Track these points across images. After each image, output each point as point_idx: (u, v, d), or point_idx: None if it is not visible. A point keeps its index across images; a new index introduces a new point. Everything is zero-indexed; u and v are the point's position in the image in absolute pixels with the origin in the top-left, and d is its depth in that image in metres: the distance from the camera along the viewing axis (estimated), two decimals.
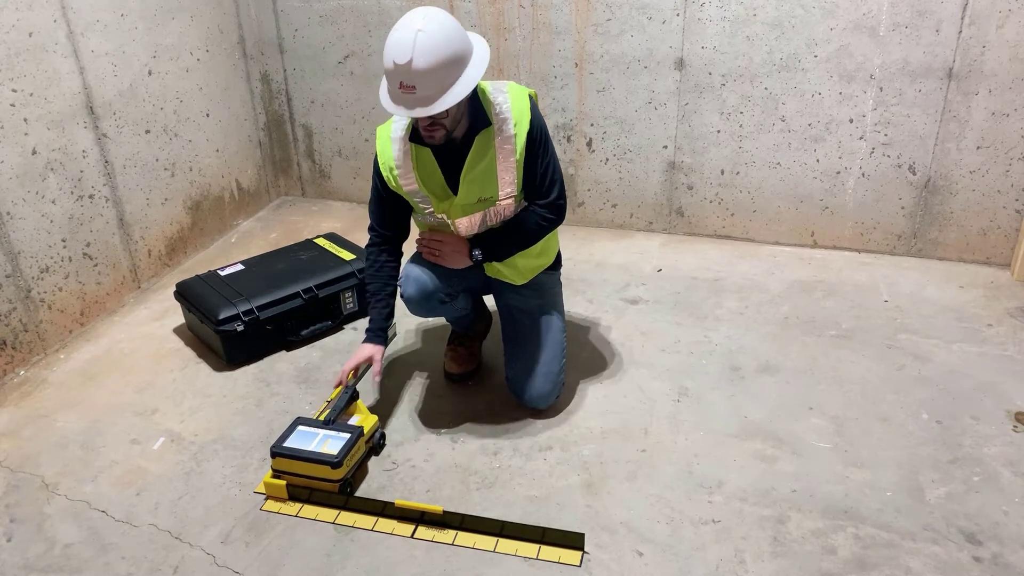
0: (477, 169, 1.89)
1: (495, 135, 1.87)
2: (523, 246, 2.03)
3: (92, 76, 2.57)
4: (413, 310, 2.11)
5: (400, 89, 1.70)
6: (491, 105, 1.88)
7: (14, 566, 1.70)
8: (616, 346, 2.43)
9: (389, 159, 1.95)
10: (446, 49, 1.68)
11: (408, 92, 1.69)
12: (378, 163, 1.98)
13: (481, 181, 1.91)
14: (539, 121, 1.93)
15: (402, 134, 1.93)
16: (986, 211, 2.77)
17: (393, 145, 1.94)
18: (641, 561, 1.66)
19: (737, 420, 2.08)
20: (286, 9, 3.31)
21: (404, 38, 1.66)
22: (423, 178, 1.94)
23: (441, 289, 2.06)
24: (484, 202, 1.94)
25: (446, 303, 2.10)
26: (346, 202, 3.64)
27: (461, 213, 1.96)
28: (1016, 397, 2.13)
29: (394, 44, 1.68)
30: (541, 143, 1.92)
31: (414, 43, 1.65)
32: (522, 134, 1.88)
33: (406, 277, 2.07)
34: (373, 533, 1.76)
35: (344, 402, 1.98)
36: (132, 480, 1.94)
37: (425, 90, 1.69)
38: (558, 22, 2.96)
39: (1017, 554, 1.64)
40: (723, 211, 3.09)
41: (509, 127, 1.87)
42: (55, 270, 2.50)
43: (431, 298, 2.06)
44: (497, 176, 1.91)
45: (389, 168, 1.96)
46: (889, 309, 2.59)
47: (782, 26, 2.72)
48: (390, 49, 1.68)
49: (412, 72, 1.66)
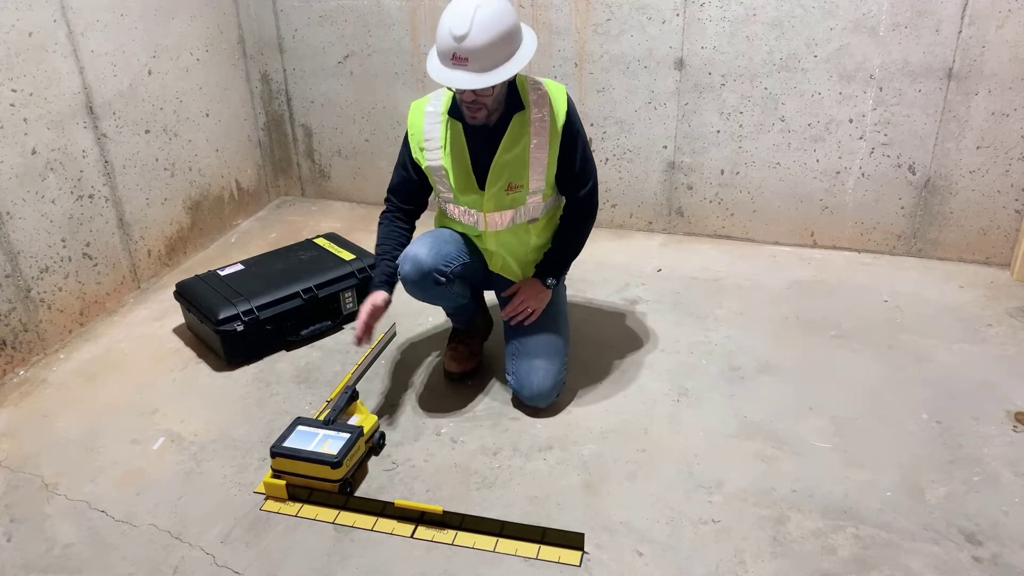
0: (511, 153, 1.95)
1: (530, 120, 1.93)
2: (578, 249, 2.16)
3: (92, 76, 2.57)
4: (410, 290, 2.09)
5: (452, 60, 1.76)
6: (527, 92, 1.95)
7: (14, 566, 1.70)
8: (616, 346, 2.43)
9: (420, 131, 2.01)
10: (501, 26, 1.76)
11: (459, 64, 1.76)
12: (408, 135, 2.04)
13: (513, 167, 1.95)
14: (575, 111, 2.00)
15: (437, 108, 1.99)
16: (986, 211, 2.77)
17: (426, 118, 2.00)
18: (641, 561, 1.66)
19: (737, 420, 2.08)
20: (286, 9, 3.31)
21: (464, 11, 1.73)
22: (450, 157, 1.99)
23: (437, 268, 2.03)
24: (515, 194, 1.98)
25: (442, 284, 2.06)
26: (346, 202, 3.64)
27: (493, 207, 2.00)
28: (1016, 397, 2.13)
29: (453, 16, 1.75)
30: (577, 131, 2.00)
31: (473, 16, 1.72)
32: (560, 119, 1.95)
33: (404, 257, 2.06)
34: (373, 533, 1.76)
35: (344, 402, 1.98)
36: (132, 480, 1.94)
37: (476, 64, 1.75)
38: (558, 22, 2.96)
39: (1017, 554, 1.64)
40: (723, 211, 3.09)
41: (546, 112, 1.94)
42: (55, 270, 2.50)
43: (427, 277, 2.03)
44: (529, 163, 1.95)
45: (417, 141, 2.01)
46: (889, 309, 2.59)
47: (782, 26, 2.72)
48: (448, 20, 1.75)
49: (467, 44, 1.73)
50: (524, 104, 1.94)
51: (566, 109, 1.96)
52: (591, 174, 2.08)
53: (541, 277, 2.13)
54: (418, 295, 2.12)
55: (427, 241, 2.06)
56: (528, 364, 2.09)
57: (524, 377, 2.09)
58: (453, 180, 2.00)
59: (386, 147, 3.45)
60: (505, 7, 1.78)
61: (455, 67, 1.77)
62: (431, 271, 2.03)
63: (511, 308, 2.13)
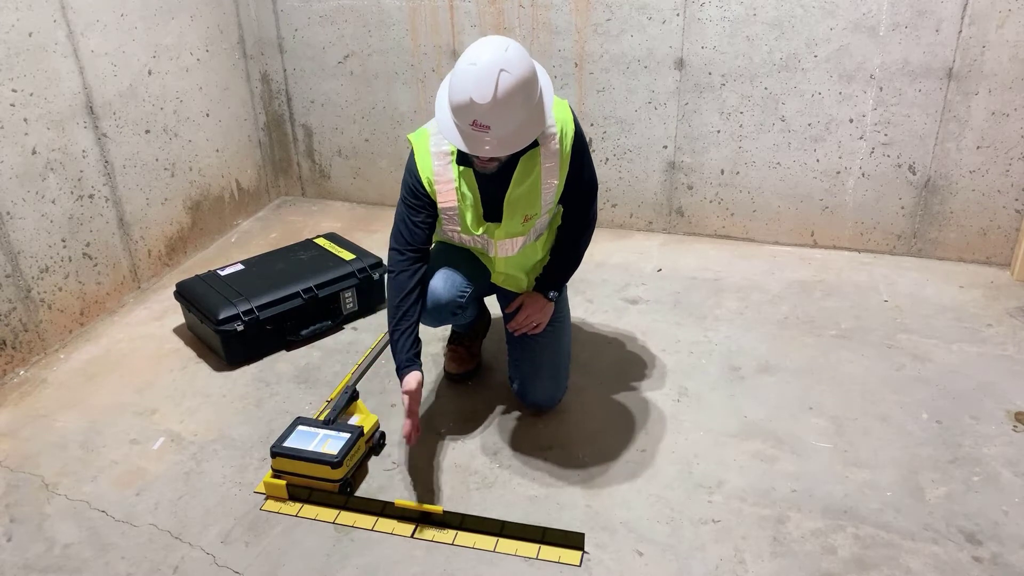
0: (522, 188, 1.83)
1: (541, 154, 1.80)
2: (578, 261, 2.08)
3: (92, 76, 2.57)
4: (427, 323, 2.03)
5: (472, 127, 1.61)
6: None
7: (14, 566, 1.70)
8: (616, 346, 2.43)
9: (429, 172, 1.84)
10: (525, 90, 1.61)
11: (481, 131, 1.61)
12: (416, 176, 1.86)
13: (526, 200, 1.85)
14: (580, 129, 1.88)
15: (445, 149, 1.83)
16: (986, 211, 2.77)
17: (434, 159, 1.84)
18: (641, 561, 1.66)
19: (737, 420, 2.08)
20: (286, 9, 3.31)
21: (487, 75, 1.55)
22: (462, 198, 1.86)
23: (454, 302, 1.98)
24: (528, 223, 1.90)
25: (458, 315, 2.05)
26: (346, 202, 3.64)
27: (505, 235, 1.91)
28: (1016, 397, 2.13)
29: (475, 81, 1.56)
30: (584, 148, 1.90)
31: (497, 82, 1.55)
32: (567, 144, 1.83)
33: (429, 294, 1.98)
34: (373, 533, 1.76)
35: (344, 402, 1.98)
36: (132, 480, 1.94)
37: (500, 130, 1.61)
38: (558, 22, 2.96)
39: (1017, 554, 1.64)
40: (723, 211, 3.09)
41: (555, 142, 1.80)
42: (55, 270, 2.50)
43: (444, 310, 1.98)
44: (541, 192, 1.85)
45: (428, 181, 1.85)
46: (889, 309, 2.59)
47: (782, 26, 2.72)
48: (469, 86, 1.57)
49: (492, 113, 1.58)
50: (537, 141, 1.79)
51: (573, 129, 1.83)
52: (595, 190, 2.01)
53: (543, 291, 2.04)
54: (434, 325, 2.07)
55: (440, 273, 1.98)
56: (532, 371, 2.08)
57: (528, 384, 2.08)
58: (467, 219, 1.89)
59: (386, 147, 3.45)
60: (527, 63, 1.61)
61: (476, 131, 1.61)
62: (448, 304, 1.97)
63: (516, 323, 2.05)
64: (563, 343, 2.13)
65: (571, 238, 2.05)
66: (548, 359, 2.08)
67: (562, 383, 2.11)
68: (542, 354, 2.08)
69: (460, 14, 3.05)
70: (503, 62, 1.56)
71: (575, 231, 2.04)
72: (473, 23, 3.06)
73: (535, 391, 2.07)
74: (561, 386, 2.11)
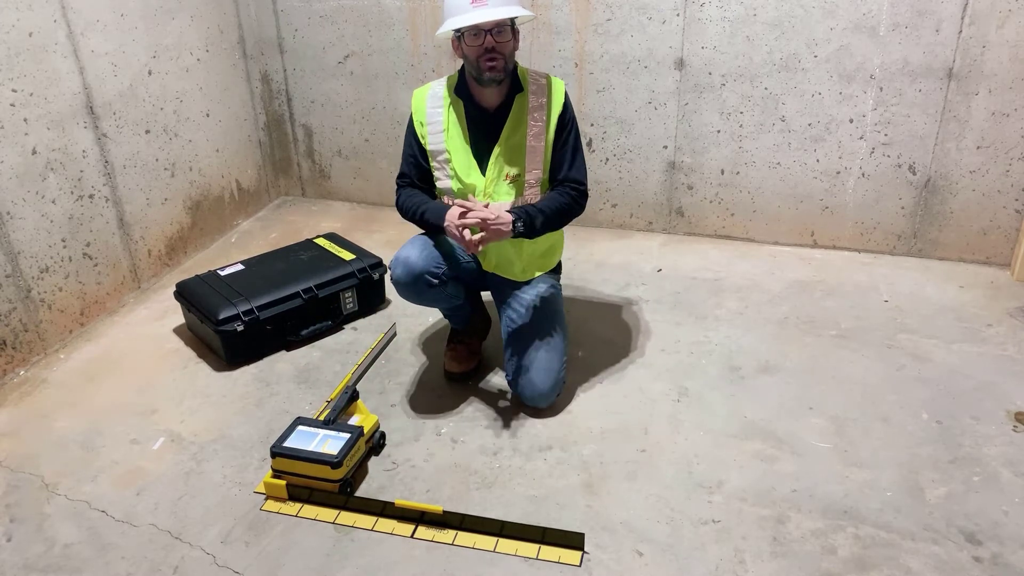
0: (512, 140, 2.01)
1: (528, 104, 2.01)
2: (554, 222, 2.05)
3: (92, 76, 2.57)
4: (402, 292, 2.10)
5: (472, 3, 1.87)
6: (528, 79, 2.03)
7: (14, 566, 1.70)
8: (616, 346, 2.43)
9: (423, 114, 2.06)
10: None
11: (480, 4, 1.87)
12: (411, 119, 2.09)
13: (512, 154, 2.02)
14: (571, 109, 2.08)
15: (439, 92, 2.07)
16: (986, 211, 2.77)
17: (428, 102, 2.07)
18: (641, 561, 1.66)
19: (737, 420, 2.08)
20: (286, 9, 3.31)
21: None
22: (452, 139, 2.04)
23: (429, 271, 2.04)
24: (513, 183, 2.03)
25: (435, 286, 2.07)
26: (346, 202, 3.64)
27: (492, 195, 2.04)
28: (1016, 397, 2.13)
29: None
30: (571, 127, 2.07)
31: None
32: (556, 110, 2.03)
33: (395, 259, 2.06)
34: (373, 533, 1.76)
35: (344, 402, 1.98)
36: (132, 480, 1.94)
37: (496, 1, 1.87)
38: (558, 22, 2.96)
39: (1017, 554, 1.64)
40: (723, 211, 3.09)
41: (543, 100, 2.03)
42: (55, 270, 2.50)
43: (419, 280, 2.04)
44: (526, 151, 2.01)
45: (420, 123, 2.07)
46: (889, 309, 2.59)
47: (782, 26, 2.72)
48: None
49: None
50: (523, 86, 2.02)
51: (563, 101, 2.04)
52: (582, 169, 2.10)
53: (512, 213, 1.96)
54: (411, 298, 2.12)
55: (418, 243, 2.06)
56: (528, 366, 2.09)
57: (524, 379, 2.09)
58: (455, 162, 2.04)
59: (386, 147, 3.45)
60: None
61: (476, 6, 1.87)
62: (423, 273, 2.03)
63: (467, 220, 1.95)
64: (557, 338, 2.14)
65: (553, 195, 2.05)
66: (542, 354, 2.08)
67: (556, 379, 2.10)
68: (536, 349, 2.09)
69: None
70: None
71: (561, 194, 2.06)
72: None
73: (531, 386, 2.08)
74: (555, 382, 2.10)
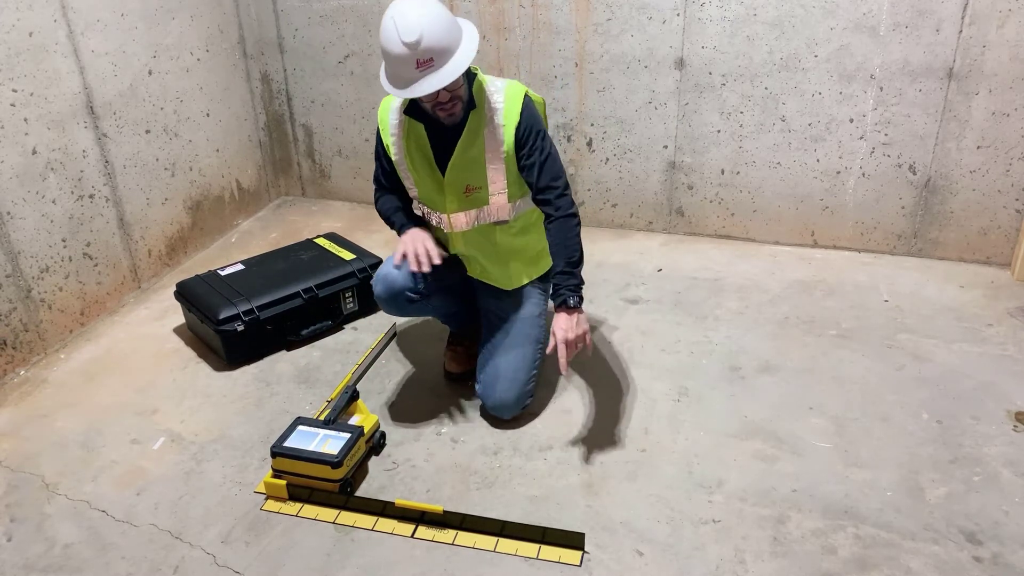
0: (467, 155, 1.91)
1: (484, 122, 1.89)
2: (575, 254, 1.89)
3: (92, 76, 2.57)
4: (385, 309, 2.13)
5: (418, 69, 1.71)
6: (483, 94, 1.90)
7: (14, 566, 1.70)
8: (616, 346, 2.43)
9: (387, 126, 2.01)
10: (443, 14, 1.73)
11: (427, 68, 1.71)
12: (379, 130, 2.04)
13: (470, 168, 1.93)
14: (531, 119, 1.89)
15: (397, 105, 1.98)
16: (986, 211, 2.77)
17: (391, 114, 2.00)
18: (641, 561, 1.66)
19: (737, 420, 2.08)
20: (286, 9, 3.31)
21: (406, 18, 1.68)
22: (411, 153, 1.98)
23: (409, 288, 2.05)
24: (475, 196, 1.96)
25: (416, 302, 2.09)
26: (346, 202, 3.64)
27: (456, 207, 1.98)
28: (1016, 397, 2.13)
29: (397, 28, 1.68)
30: (531, 138, 1.89)
31: (418, 19, 1.68)
32: (510, 128, 1.88)
33: (376, 276, 2.10)
34: (373, 533, 1.76)
35: (344, 402, 1.98)
36: (132, 480, 1.95)
37: (441, 60, 1.71)
38: (558, 22, 2.96)
39: (1017, 554, 1.64)
40: (723, 211, 3.09)
41: (499, 118, 1.88)
42: (55, 270, 2.50)
43: (398, 296, 2.06)
44: (486, 168, 1.92)
45: (385, 134, 2.01)
46: (889, 309, 2.59)
47: (782, 26, 2.72)
48: (396, 33, 1.68)
49: (426, 45, 1.68)
50: (476, 103, 1.88)
51: (519, 115, 1.87)
52: (556, 176, 1.91)
53: (558, 302, 1.85)
54: (395, 313, 2.15)
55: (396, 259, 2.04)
56: (494, 373, 2.05)
57: (489, 386, 2.05)
58: (415, 176, 2.00)
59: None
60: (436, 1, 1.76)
61: (423, 72, 1.71)
62: (402, 291, 2.06)
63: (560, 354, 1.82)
64: (528, 350, 2.08)
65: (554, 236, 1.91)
66: (510, 364, 2.04)
67: (520, 391, 2.04)
68: (504, 358, 2.05)
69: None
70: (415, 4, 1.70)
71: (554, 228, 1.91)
72: (473, 23, 3.05)
73: (493, 395, 2.04)
74: (519, 393, 2.04)
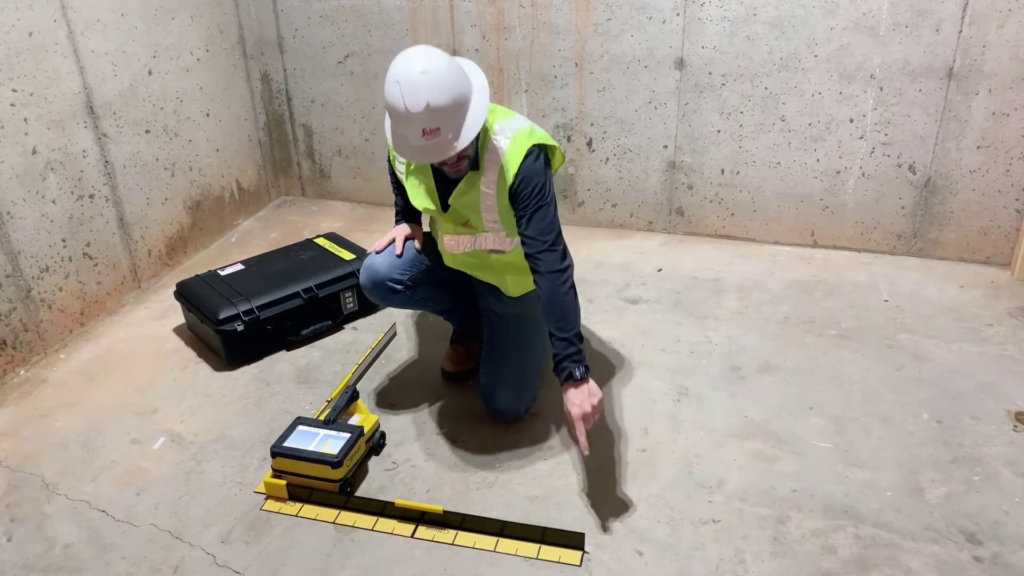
0: (463, 200, 1.89)
1: (480, 177, 1.83)
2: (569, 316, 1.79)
3: (92, 76, 2.57)
4: (370, 297, 2.15)
5: (424, 137, 1.63)
6: (486, 149, 1.80)
7: (14, 566, 1.70)
8: (616, 346, 2.43)
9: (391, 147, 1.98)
10: (453, 81, 1.63)
11: (433, 136, 1.63)
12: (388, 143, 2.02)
13: (466, 210, 1.91)
14: (529, 178, 1.77)
15: None
16: (986, 211, 2.77)
17: None
18: (641, 561, 1.66)
19: (737, 420, 2.08)
20: (286, 9, 3.31)
21: (412, 83, 1.58)
22: (414, 176, 1.98)
23: (391, 278, 2.07)
24: (470, 228, 1.96)
25: (399, 292, 2.09)
26: (346, 202, 3.64)
27: (451, 230, 2.00)
28: (1016, 397, 2.13)
29: (406, 95, 1.58)
30: (525, 196, 1.78)
31: (423, 85, 1.58)
32: (504, 186, 1.80)
33: (363, 264, 2.13)
34: (373, 533, 1.76)
35: (344, 402, 1.98)
36: (132, 480, 1.95)
37: (448, 128, 1.63)
38: (558, 22, 2.96)
39: (1017, 554, 1.64)
40: (723, 211, 3.09)
41: (493, 175, 1.81)
42: (55, 270, 2.50)
43: (381, 286, 2.08)
44: (480, 213, 1.89)
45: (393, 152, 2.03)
46: (889, 309, 2.59)
47: (782, 26, 2.72)
48: (401, 99, 1.59)
49: (433, 115, 1.60)
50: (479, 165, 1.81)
51: (514, 173, 1.77)
52: (545, 231, 1.79)
53: (563, 376, 1.75)
54: (379, 303, 2.19)
55: (389, 249, 2.10)
56: (498, 376, 2.06)
57: (492, 389, 2.06)
58: (416, 197, 1.99)
59: (386, 147, 3.44)
60: (443, 57, 1.64)
61: (429, 140, 1.63)
62: (384, 280, 2.07)
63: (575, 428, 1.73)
64: (533, 353, 2.09)
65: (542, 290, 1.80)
66: (514, 367, 2.06)
67: (526, 393, 2.09)
68: (509, 361, 2.06)
69: (460, 14, 3.05)
70: (421, 67, 1.59)
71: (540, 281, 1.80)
72: (473, 23, 3.06)
73: (496, 397, 2.05)
74: (525, 396, 2.08)
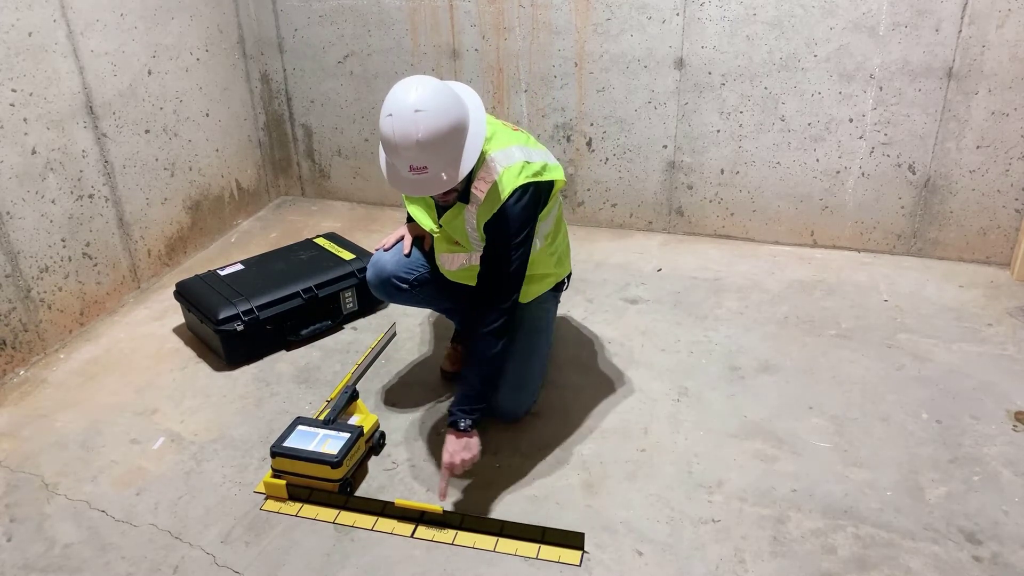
0: (452, 224, 1.91)
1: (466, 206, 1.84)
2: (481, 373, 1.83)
3: (92, 76, 2.57)
4: (376, 294, 2.16)
5: (411, 172, 1.62)
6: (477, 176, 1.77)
7: (14, 566, 1.70)
8: (616, 346, 2.43)
9: None
10: (447, 120, 1.60)
11: (420, 173, 1.62)
12: None
13: (455, 232, 1.93)
14: (506, 219, 1.76)
15: None
16: (986, 210, 2.77)
17: None
18: (641, 561, 1.66)
19: (737, 420, 2.08)
20: (286, 9, 3.31)
21: (405, 122, 1.57)
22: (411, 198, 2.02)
23: (397, 275, 2.09)
24: (461, 247, 1.97)
25: (404, 290, 2.11)
26: (346, 202, 3.64)
27: (445, 249, 2.00)
28: (1016, 397, 2.13)
29: (397, 130, 1.57)
30: (496, 235, 1.78)
31: (417, 124, 1.56)
32: (483, 219, 1.80)
33: (371, 260, 2.14)
34: (373, 533, 1.76)
35: (344, 402, 1.98)
36: (132, 480, 1.94)
37: (437, 167, 1.62)
38: (558, 22, 2.96)
39: (1017, 554, 1.64)
40: (723, 211, 3.09)
41: (474, 207, 1.81)
42: (55, 270, 2.50)
43: (387, 283, 2.10)
44: (468, 235, 1.91)
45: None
46: (889, 309, 2.59)
47: (782, 26, 2.72)
48: (391, 135, 1.59)
49: (421, 154, 1.59)
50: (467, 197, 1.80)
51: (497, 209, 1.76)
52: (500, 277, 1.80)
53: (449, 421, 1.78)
54: (385, 299, 2.20)
55: (398, 247, 2.12)
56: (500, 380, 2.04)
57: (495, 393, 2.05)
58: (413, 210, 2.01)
59: None
60: (440, 91, 1.61)
61: (416, 176, 1.63)
62: (390, 277, 2.09)
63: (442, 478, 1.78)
64: (535, 354, 2.09)
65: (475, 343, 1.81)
66: (516, 370, 2.03)
67: (528, 395, 2.09)
68: (510, 363, 2.02)
69: (460, 14, 3.05)
70: (415, 103, 1.57)
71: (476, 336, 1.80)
72: (473, 23, 3.06)
73: (497, 398, 2.02)
74: (526, 398, 2.08)
